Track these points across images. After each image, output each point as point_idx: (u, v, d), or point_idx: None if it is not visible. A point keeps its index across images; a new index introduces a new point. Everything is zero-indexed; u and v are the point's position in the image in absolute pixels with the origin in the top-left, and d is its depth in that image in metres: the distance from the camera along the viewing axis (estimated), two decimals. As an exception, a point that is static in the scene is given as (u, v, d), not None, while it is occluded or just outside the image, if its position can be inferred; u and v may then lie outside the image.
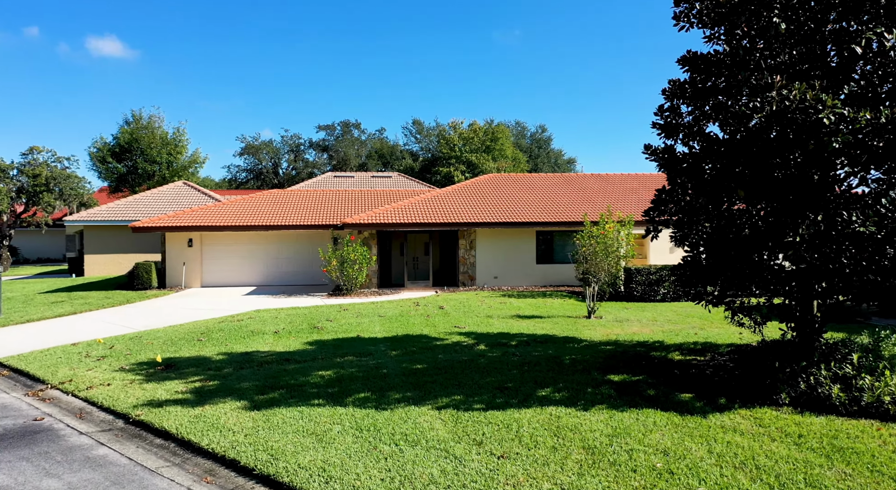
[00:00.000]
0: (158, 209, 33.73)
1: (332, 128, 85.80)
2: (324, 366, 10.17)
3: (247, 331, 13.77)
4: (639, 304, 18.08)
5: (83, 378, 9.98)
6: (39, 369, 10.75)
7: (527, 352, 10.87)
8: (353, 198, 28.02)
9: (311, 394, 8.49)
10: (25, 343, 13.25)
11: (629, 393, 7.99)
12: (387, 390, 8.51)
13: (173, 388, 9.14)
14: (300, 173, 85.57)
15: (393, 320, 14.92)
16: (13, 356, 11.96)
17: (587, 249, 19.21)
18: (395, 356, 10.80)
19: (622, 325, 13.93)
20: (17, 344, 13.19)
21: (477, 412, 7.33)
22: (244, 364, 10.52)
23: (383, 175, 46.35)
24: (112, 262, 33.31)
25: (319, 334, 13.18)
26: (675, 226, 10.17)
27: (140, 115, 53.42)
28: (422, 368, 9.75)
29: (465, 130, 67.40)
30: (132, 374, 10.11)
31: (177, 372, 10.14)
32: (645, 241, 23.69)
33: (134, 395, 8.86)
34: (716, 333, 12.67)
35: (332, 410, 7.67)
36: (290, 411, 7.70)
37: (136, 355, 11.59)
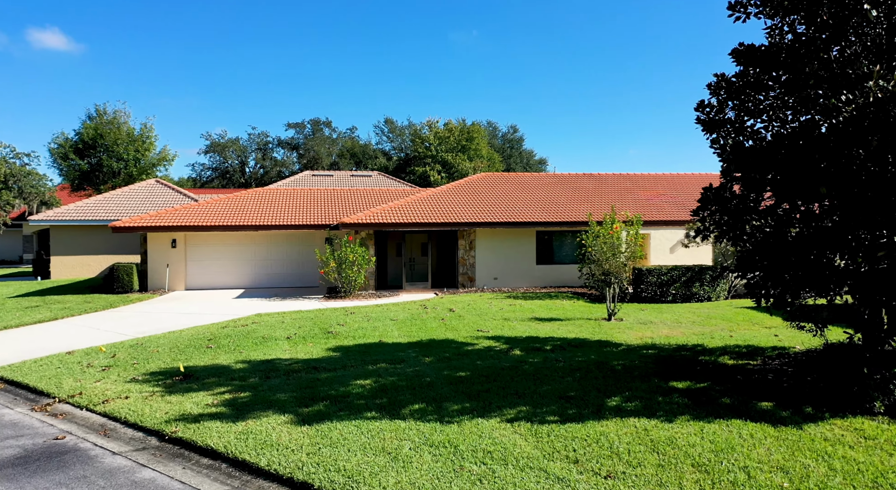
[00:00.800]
0: (131, 208, 32.53)
1: (301, 126, 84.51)
2: (358, 374, 9.61)
3: (257, 337, 13.09)
4: (651, 305, 17.85)
5: (94, 391, 9.26)
6: (40, 381, 9.97)
7: (568, 357, 10.47)
8: (341, 197, 27.33)
9: (359, 406, 7.94)
10: (11, 352, 12.40)
11: (703, 401, 7.63)
12: (441, 401, 8.01)
13: (201, 400, 8.49)
14: (269, 172, 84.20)
15: (408, 324, 14.38)
16: (4, 366, 11.14)
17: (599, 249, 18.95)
18: (431, 363, 10.30)
19: (649, 328, 13.64)
20: (2, 353, 12.33)
21: (553, 425, 6.88)
22: (270, 373, 9.89)
23: (363, 174, 45.63)
24: (81, 264, 31.98)
25: (337, 340, 12.59)
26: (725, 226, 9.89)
27: (104, 109, 51.68)
28: (466, 376, 9.27)
29: (441, 130, 66.95)
30: (148, 386, 9.41)
31: (198, 382, 9.48)
32: (646, 242, 23.54)
33: (159, 408, 8.20)
34: (749, 335, 12.45)
35: (392, 424, 7.14)
36: (345, 426, 7.14)
37: (143, 364, 10.87)
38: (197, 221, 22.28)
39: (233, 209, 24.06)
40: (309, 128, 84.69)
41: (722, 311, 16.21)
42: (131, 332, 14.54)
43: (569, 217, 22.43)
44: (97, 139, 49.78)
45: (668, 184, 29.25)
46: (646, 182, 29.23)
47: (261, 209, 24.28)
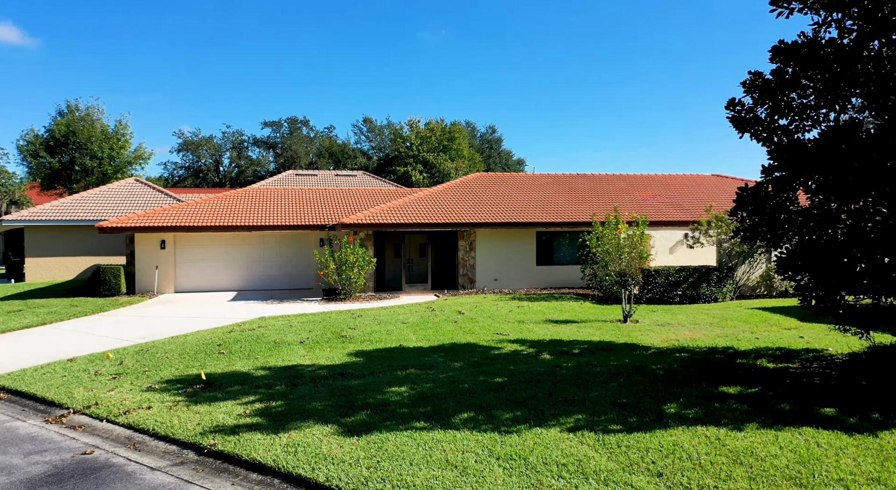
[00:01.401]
0: (111, 208, 31.68)
1: (278, 125, 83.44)
2: (390, 381, 9.28)
3: (268, 341, 12.67)
4: (660, 306, 17.74)
5: (111, 401, 8.80)
6: (48, 391, 9.47)
7: (601, 361, 10.26)
8: (333, 197, 26.88)
9: (402, 415, 7.62)
10: (5, 359, 11.85)
11: (763, 408, 7.45)
12: (488, 409, 7.72)
13: (231, 410, 8.09)
14: (244, 171, 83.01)
15: (421, 327, 14.06)
16: (3, 375, 10.59)
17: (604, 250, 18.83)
18: (462, 368, 10.00)
19: (669, 330, 13.50)
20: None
21: (619, 435, 6.63)
22: (295, 380, 9.51)
23: (347, 174, 45.11)
24: (59, 265, 31.03)
25: (354, 344, 12.22)
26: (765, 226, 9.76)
27: (77, 105, 50.35)
28: (505, 382, 9.00)
29: (422, 130, 66.54)
30: (168, 395, 8.98)
31: (221, 391, 9.06)
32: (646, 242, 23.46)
33: (188, 419, 7.78)
34: (774, 337, 12.37)
35: (446, 435, 6.83)
36: (396, 437, 6.82)
37: (156, 372, 10.40)
38: (188, 221, 21.67)
39: (223, 209, 23.48)
40: (286, 126, 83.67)
41: (735, 313, 16.16)
42: (130, 336, 14.01)
43: (569, 217, 22.29)
44: (69, 136, 48.49)
45: (661, 184, 29.31)
46: (640, 182, 29.26)
47: (252, 209, 23.73)
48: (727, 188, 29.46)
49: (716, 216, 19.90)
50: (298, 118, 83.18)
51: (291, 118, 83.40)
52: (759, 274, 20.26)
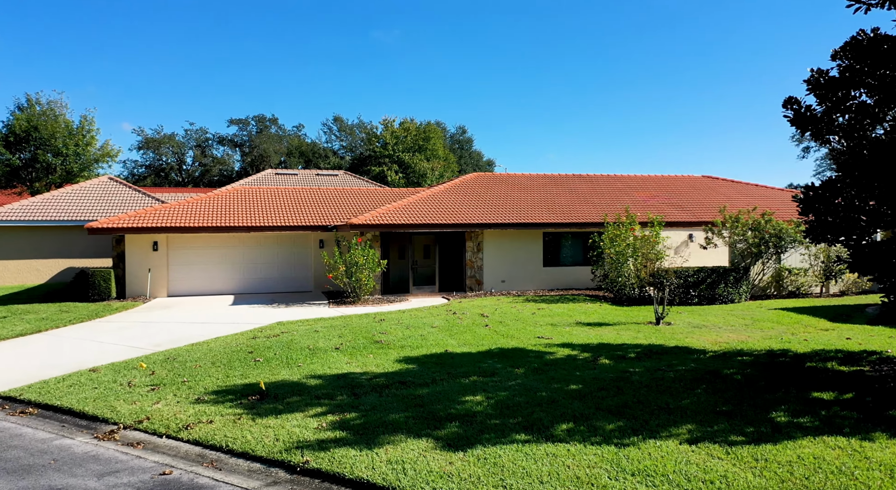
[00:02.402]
0: (86, 208, 30.51)
1: (245, 122, 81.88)
2: (459, 389, 8.91)
3: (301, 348, 12.16)
4: (680, 307, 17.65)
5: (162, 414, 8.26)
6: (84, 404, 8.86)
7: (668, 365, 10.06)
8: (330, 197, 26.29)
9: (495, 426, 7.26)
10: (14, 371, 11.14)
11: (873, 415, 7.27)
12: (585, 419, 7.41)
13: (303, 423, 7.63)
14: (209, 170, 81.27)
15: (454, 332, 13.70)
16: (22, 387, 9.92)
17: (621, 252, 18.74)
18: (526, 375, 9.69)
19: (709, 332, 13.39)
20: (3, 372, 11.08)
21: (746, 447, 6.37)
22: (355, 389, 9.07)
23: (329, 173, 44.38)
24: (29, 268, 29.74)
25: (395, 350, 11.79)
26: (839, 227, 9.70)
27: (38, 99, 48.53)
28: (582, 390, 8.71)
29: (397, 129, 65.98)
30: (223, 407, 8.45)
31: (280, 402, 8.57)
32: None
33: (261, 434, 7.30)
34: (821, 339, 12.35)
35: (558, 448, 6.50)
36: (504, 451, 6.46)
37: (196, 382, 9.85)
38: (183, 222, 20.88)
39: (217, 209, 22.73)
40: (253, 124, 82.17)
41: (762, 314, 16.19)
42: (143, 344, 13.34)
43: (577, 218, 22.16)
44: (31, 132, 46.67)
45: (657, 185, 29.45)
46: (636, 183, 29.35)
47: (247, 209, 23.02)
48: (720, 189, 29.77)
49: (730, 217, 19.99)
50: (266, 116, 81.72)
51: (259, 116, 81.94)
52: (770, 274, 20.43)
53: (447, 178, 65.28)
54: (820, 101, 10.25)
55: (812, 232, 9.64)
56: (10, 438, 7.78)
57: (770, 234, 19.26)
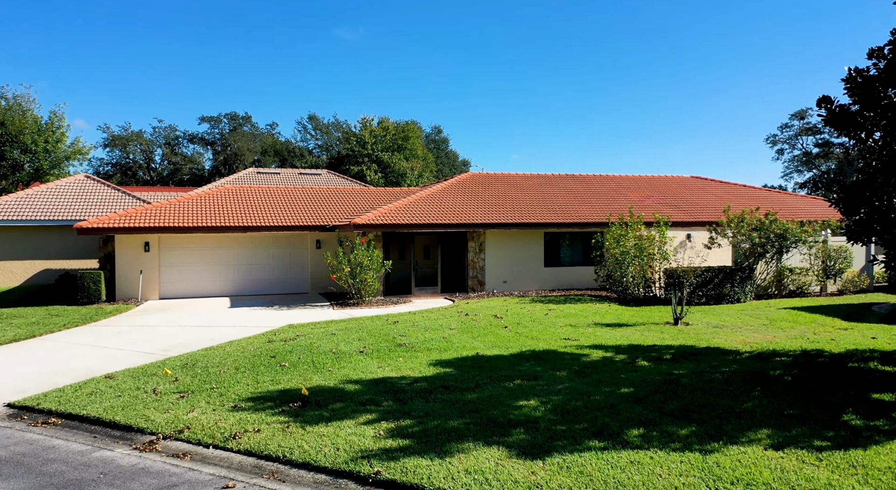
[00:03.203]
0: (63, 207, 29.59)
1: (217, 120, 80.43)
2: (507, 394, 8.70)
3: (323, 351, 11.83)
4: (690, 307, 17.62)
5: (201, 423, 7.90)
6: (114, 414, 8.45)
7: (711, 367, 9.98)
8: (325, 196, 25.87)
9: (563, 432, 7.06)
10: (19, 379, 10.63)
11: (941, 414, 7.30)
12: (654, 424, 7.24)
13: (358, 431, 7.35)
14: (180, 169, 79.75)
15: (476, 334, 13.48)
16: (37, 396, 9.46)
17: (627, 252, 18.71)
18: (570, 378, 9.51)
19: (733, 332, 13.38)
20: (6, 380, 10.57)
21: (835, 452, 6.22)
22: (398, 395, 8.80)
23: (312, 172, 43.79)
24: (2, 270, 28.76)
25: (424, 353, 11.53)
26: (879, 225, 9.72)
27: (3, 93, 46.98)
28: (635, 393, 8.56)
29: (376, 128, 65.46)
30: (265, 415, 8.12)
31: (325, 409, 8.26)
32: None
33: (318, 443, 7.00)
34: (845, 338, 12.41)
35: (641, 455, 6.32)
36: (584, 459, 6.26)
37: (226, 388, 9.48)
38: (176, 222, 20.31)
39: (210, 208, 22.18)
40: (226, 122, 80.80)
41: (774, 313, 16.28)
42: (151, 349, 12.89)
43: (578, 218, 22.12)
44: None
45: (648, 185, 29.60)
46: (628, 183, 29.44)
47: (241, 208, 22.51)
48: (710, 189, 30.06)
49: (735, 217, 20.11)
50: (240, 114, 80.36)
51: (231, 114, 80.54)
52: (772, 274, 20.61)
53: (426, 178, 65.06)
54: (857, 99, 10.28)
55: (853, 232, 9.64)
56: (44, 451, 7.37)
57: (775, 233, 19.42)
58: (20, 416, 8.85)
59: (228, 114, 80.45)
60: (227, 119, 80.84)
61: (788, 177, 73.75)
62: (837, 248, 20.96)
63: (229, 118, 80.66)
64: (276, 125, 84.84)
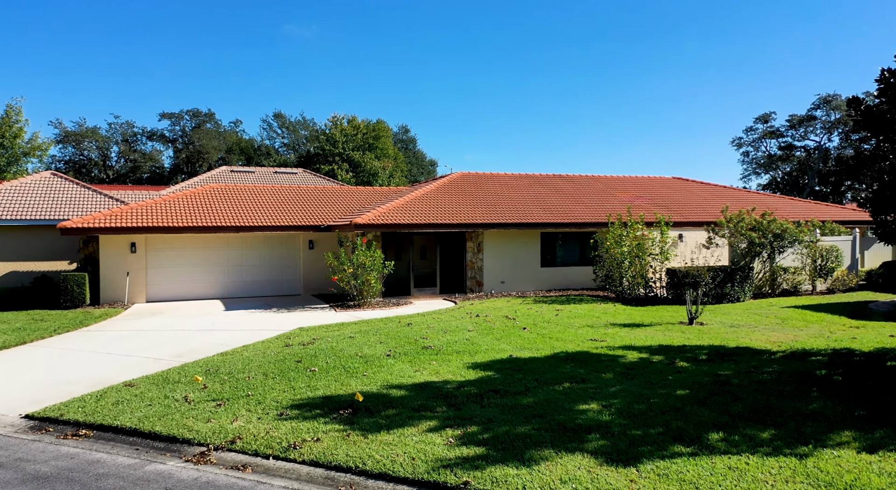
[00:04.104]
0: (29, 206, 28.32)
1: (178, 117, 78.53)
2: (562, 397, 8.52)
3: (349, 355, 11.49)
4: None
5: (250, 432, 7.55)
6: (149, 424, 8.03)
7: (751, 367, 9.99)
8: (314, 196, 25.36)
9: (639, 437, 6.91)
10: (28, 388, 10.07)
11: None
12: (731, 428, 7.10)
13: (424, 438, 7.08)
14: (140, 167, 77.64)
15: (498, 336, 13.28)
16: (57, 406, 8.97)
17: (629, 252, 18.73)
18: (618, 380, 9.38)
19: (753, 332, 13.44)
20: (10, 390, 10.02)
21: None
22: (450, 400, 8.55)
23: (288, 171, 43.05)
24: (-38, 272, 27.38)
25: (458, 357, 11.26)
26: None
27: (-44, 87, 45.04)
28: (692, 395, 8.47)
29: (347, 127, 64.77)
30: (316, 423, 7.79)
31: (379, 416, 7.97)
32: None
33: (388, 452, 6.73)
34: (866, 336, 12.57)
35: (733, 460, 6.19)
36: (678, 466, 6.11)
37: (263, 395, 9.10)
38: (166, 221, 19.62)
39: (199, 208, 21.52)
40: (188, 119, 78.95)
41: (780, 312, 16.47)
42: (160, 354, 12.38)
43: (576, 218, 22.12)
44: (-50, 121, 43.27)
45: (634, 186, 29.82)
46: (614, 184, 29.60)
47: (230, 208, 21.89)
48: (694, 190, 30.46)
49: (734, 217, 20.33)
50: (202, 111, 78.50)
51: (193, 110, 78.69)
52: (766, 273, 20.89)
53: (398, 178, 64.64)
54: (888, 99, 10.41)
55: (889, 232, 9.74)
56: (90, 466, 6.94)
57: (774, 233, 19.69)
58: (44, 428, 8.36)
59: (190, 110, 78.59)
60: (189, 116, 79.01)
61: (748, 179, 75.55)
62: (829, 247, 21.37)
63: (191, 115, 78.84)
64: (240, 123, 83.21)
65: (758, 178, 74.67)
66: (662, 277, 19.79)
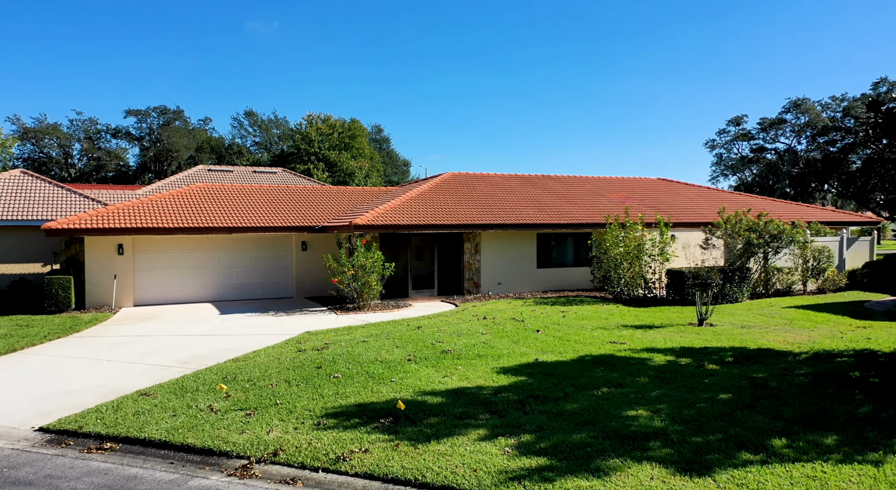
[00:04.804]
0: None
1: (145, 114, 76.74)
2: (607, 403, 8.35)
3: (369, 360, 11.19)
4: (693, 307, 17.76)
5: (292, 443, 7.24)
6: (180, 435, 7.67)
7: (786, 369, 9.96)
8: (303, 196, 24.88)
9: (701, 445, 6.75)
10: (34, 399, 9.60)
11: None
12: (791, 434, 6.98)
13: (478, 448, 6.85)
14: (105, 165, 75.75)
15: (515, 339, 13.07)
16: (73, 417, 8.55)
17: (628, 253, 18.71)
18: (655, 384, 9.26)
19: (766, 333, 13.46)
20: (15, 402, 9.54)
21: None
22: (490, 406, 8.32)
23: (267, 170, 42.30)
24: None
25: (482, 361, 11.01)
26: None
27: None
28: (738, 399, 8.38)
29: (323, 126, 64.06)
30: (358, 432, 7.50)
31: (424, 425, 7.70)
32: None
33: (446, 463, 6.48)
34: (880, 336, 12.70)
35: (808, 469, 6.06)
36: (754, 475, 5.95)
37: (292, 403, 8.77)
38: (156, 222, 19.00)
39: (188, 208, 20.92)
40: (155, 116, 77.19)
41: (782, 312, 16.58)
42: (165, 361, 11.94)
43: (573, 218, 22.06)
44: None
45: (622, 187, 29.93)
46: (604, 184, 29.64)
47: (220, 208, 21.32)
48: (680, 191, 30.69)
49: (732, 217, 20.45)
50: (170, 108, 76.72)
51: (161, 107, 76.87)
52: (761, 274, 21.09)
53: (374, 178, 64.16)
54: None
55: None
56: (128, 482, 6.57)
57: (771, 234, 19.87)
58: (63, 441, 7.92)
59: (158, 107, 76.78)
60: (156, 113, 77.20)
61: (716, 180, 76.80)
62: (820, 248, 21.66)
63: (159, 112, 77.03)
64: (209, 120, 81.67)
65: (726, 180, 75.91)
66: (662, 278, 19.83)
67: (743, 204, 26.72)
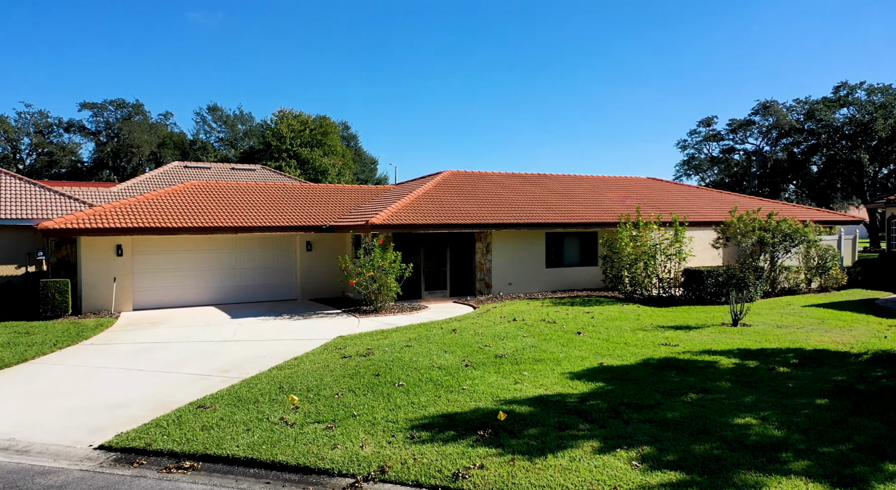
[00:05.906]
0: (-26, 204, 25.96)
1: (101, 107, 74.00)
2: (709, 411, 8.12)
3: (425, 366, 10.76)
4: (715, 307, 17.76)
5: (396, 459, 6.83)
6: (266, 452, 7.21)
7: (861, 373, 9.90)
8: (304, 194, 24.18)
9: (835, 455, 6.56)
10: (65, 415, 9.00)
11: None
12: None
13: (601, 462, 6.53)
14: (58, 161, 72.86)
15: (562, 342, 12.76)
16: (133, 434, 8.00)
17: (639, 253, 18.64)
18: (739, 390, 9.07)
19: (806, 333, 13.43)
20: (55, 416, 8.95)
21: None
22: (584, 415, 8.00)
23: (246, 167, 41.29)
24: None
25: (545, 366, 10.67)
26: None
27: None
28: (838, 405, 8.26)
29: (295, 123, 62.90)
30: (460, 446, 7.11)
31: (528, 437, 7.37)
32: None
33: (578, 480, 6.16)
34: (923, 338, 12.86)
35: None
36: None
37: (371, 414, 8.34)
38: (158, 222, 18.17)
39: (188, 206, 20.09)
40: (112, 110, 74.51)
41: (806, 311, 16.66)
42: (203, 369, 11.38)
43: (582, 218, 21.90)
44: None
45: (617, 186, 29.92)
46: (600, 184, 29.57)
47: (220, 207, 20.54)
48: (673, 191, 30.87)
49: (744, 216, 20.55)
50: (128, 101, 74.11)
51: (119, 101, 74.12)
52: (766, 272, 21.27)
53: (347, 176, 63.36)
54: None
55: None
56: (234, 507, 6.07)
57: (784, 233, 20.02)
58: (134, 460, 7.38)
59: (115, 101, 73.86)
60: (113, 106, 74.43)
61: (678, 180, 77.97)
62: (826, 247, 21.96)
63: (116, 105, 74.28)
64: (170, 115, 79.31)
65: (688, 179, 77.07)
66: (678, 277, 19.81)
67: (732, 203, 26.90)
